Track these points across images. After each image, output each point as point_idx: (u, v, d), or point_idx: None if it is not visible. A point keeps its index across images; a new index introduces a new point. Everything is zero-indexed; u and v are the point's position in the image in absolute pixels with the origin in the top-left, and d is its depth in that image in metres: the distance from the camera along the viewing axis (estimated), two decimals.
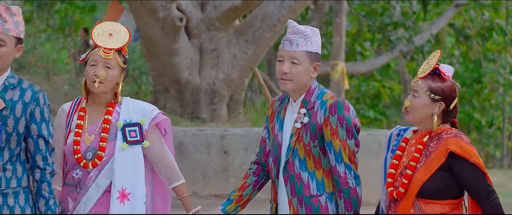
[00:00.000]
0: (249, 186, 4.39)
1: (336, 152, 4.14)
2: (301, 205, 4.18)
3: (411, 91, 4.09)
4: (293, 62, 4.20)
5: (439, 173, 3.94)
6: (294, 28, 4.26)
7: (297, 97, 4.25)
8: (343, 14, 14.72)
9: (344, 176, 4.15)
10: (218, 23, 10.72)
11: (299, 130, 4.18)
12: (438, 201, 3.98)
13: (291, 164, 4.20)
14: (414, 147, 4.06)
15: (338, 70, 14.38)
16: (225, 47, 10.81)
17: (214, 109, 10.73)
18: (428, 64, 4.14)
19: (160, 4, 10.18)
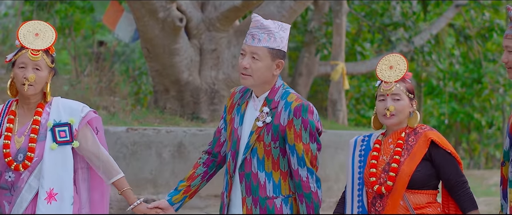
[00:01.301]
0: (198, 176, 4.32)
1: (299, 155, 4.09)
2: (256, 206, 4.12)
3: (391, 96, 4.19)
4: (254, 58, 4.13)
5: (423, 163, 4.12)
6: (257, 23, 4.17)
7: (260, 94, 4.19)
8: (343, 14, 14.71)
9: (306, 181, 4.10)
10: (218, 23, 10.72)
11: (260, 129, 4.12)
12: (423, 190, 4.14)
13: (248, 162, 4.13)
14: (392, 144, 4.19)
15: (338, 71, 14.37)
16: (225, 47, 10.81)
17: (214, 109, 10.72)
18: (398, 68, 4.23)
19: (160, 4, 10.17)
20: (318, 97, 21.90)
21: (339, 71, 14.39)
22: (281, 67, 4.17)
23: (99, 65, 13.84)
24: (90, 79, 13.56)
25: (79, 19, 19.18)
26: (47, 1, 17.45)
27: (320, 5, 17.09)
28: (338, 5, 14.73)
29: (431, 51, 17.88)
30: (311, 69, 17.64)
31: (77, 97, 12.55)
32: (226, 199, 4.21)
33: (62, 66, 17.12)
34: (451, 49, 22.01)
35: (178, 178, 8.85)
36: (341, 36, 14.62)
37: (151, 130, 8.96)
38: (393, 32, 17.26)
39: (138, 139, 8.86)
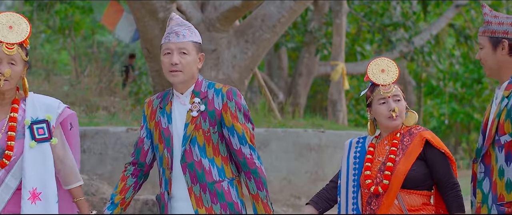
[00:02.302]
0: (129, 188, 4.36)
1: (240, 134, 4.22)
2: (205, 192, 4.20)
3: (392, 97, 4.26)
4: (183, 53, 4.25)
5: (418, 162, 4.18)
6: (178, 20, 4.31)
7: (185, 90, 4.30)
8: (343, 14, 14.71)
9: (250, 157, 4.24)
10: (218, 24, 10.72)
11: (196, 118, 4.22)
12: (418, 191, 4.19)
13: (189, 152, 4.21)
14: (387, 146, 4.26)
15: (338, 71, 14.37)
16: (225, 47, 10.81)
17: None
18: (391, 71, 4.32)
19: (160, 4, 10.17)
20: (318, 97, 21.90)
21: (339, 71, 14.39)
22: (202, 60, 4.34)
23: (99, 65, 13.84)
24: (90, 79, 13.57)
25: (79, 19, 19.19)
26: (47, 1, 17.45)
27: (320, 5, 17.09)
28: (338, 5, 14.73)
29: (431, 51, 17.88)
30: (311, 70, 17.65)
31: (77, 98, 12.56)
32: (167, 196, 4.26)
33: (62, 66, 17.13)
34: (451, 50, 22.01)
35: None
36: (341, 36, 14.62)
37: None
38: (393, 32, 17.27)
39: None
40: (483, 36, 4.11)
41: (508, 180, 3.94)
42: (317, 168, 9.87)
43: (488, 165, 4.03)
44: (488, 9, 4.15)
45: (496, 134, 3.98)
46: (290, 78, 18.34)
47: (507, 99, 3.98)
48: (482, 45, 4.11)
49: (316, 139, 9.86)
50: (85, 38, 20.60)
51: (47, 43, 19.17)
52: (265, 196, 4.26)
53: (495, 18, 4.10)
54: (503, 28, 4.07)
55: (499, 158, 3.97)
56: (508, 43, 4.04)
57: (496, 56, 4.06)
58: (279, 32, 11.05)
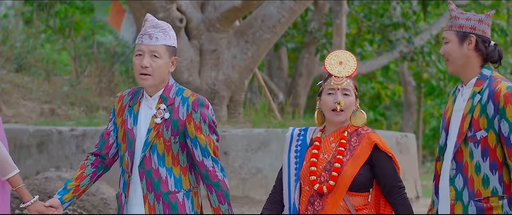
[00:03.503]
0: (86, 177, 4.33)
1: (202, 146, 4.17)
2: (158, 202, 4.16)
3: (341, 90, 4.20)
4: (154, 56, 4.18)
5: (365, 166, 4.14)
6: (153, 22, 4.26)
7: (155, 93, 4.24)
8: (343, 15, 14.71)
9: (213, 170, 4.19)
10: (218, 24, 10.72)
11: (159, 125, 4.17)
12: (361, 193, 4.16)
13: (148, 159, 4.17)
14: (334, 143, 4.19)
15: None
16: (225, 48, 10.81)
17: (214, 110, 10.72)
18: (348, 65, 4.30)
19: (160, 4, 10.17)
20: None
21: None
22: (175, 64, 4.27)
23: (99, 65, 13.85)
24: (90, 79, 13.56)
25: (79, 19, 19.18)
26: (47, 1, 17.46)
27: (320, 5, 17.09)
28: (338, 6, 14.73)
29: (431, 51, 17.87)
30: (311, 70, 17.65)
31: (77, 98, 12.56)
32: (124, 198, 4.23)
33: (62, 66, 17.12)
34: None
35: None
36: (341, 36, 14.62)
37: None
38: (393, 32, 17.26)
39: None
40: (449, 31, 4.16)
41: (485, 176, 4.00)
42: None
43: (460, 162, 4.06)
44: (455, 6, 4.22)
45: (469, 130, 4.02)
46: (290, 79, 18.34)
47: (479, 95, 4.03)
48: (448, 40, 4.15)
49: None
50: (85, 38, 20.58)
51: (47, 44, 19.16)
52: (227, 209, 4.20)
53: (462, 14, 4.17)
54: (470, 24, 4.14)
55: (474, 153, 4.01)
56: (475, 38, 4.12)
57: (462, 50, 4.12)
58: (279, 32, 11.05)
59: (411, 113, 23.04)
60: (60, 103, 12.13)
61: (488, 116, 3.99)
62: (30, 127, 9.82)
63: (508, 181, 4.00)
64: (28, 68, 13.90)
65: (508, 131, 3.95)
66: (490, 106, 3.99)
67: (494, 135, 3.99)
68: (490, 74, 4.11)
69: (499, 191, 3.99)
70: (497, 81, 4.05)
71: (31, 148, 9.52)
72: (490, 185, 3.99)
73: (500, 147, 4.00)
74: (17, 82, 12.53)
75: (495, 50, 4.20)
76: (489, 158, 4.00)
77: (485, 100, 4.00)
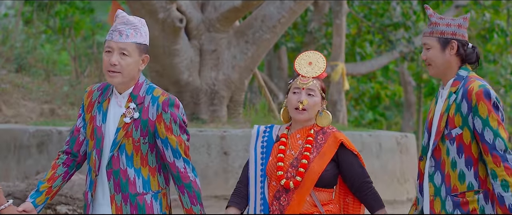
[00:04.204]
0: (59, 177, 4.25)
1: (173, 147, 4.13)
2: (126, 203, 4.11)
3: (306, 90, 4.29)
4: (123, 54, 4.10)
5: (331, 163, 4.27)
6: (123, 19, 4.16)
7: (124, 90, 4.17)
8: (343, 15, 14.71)
9: (184, 171, 4.17)
10: (218, 24, 10.71)
11: (128, 125, 4.11)
12: (326, 189, 4.29)
13: (116, 159, 4.11)
14: (301, 140, 4.30)
15: (338, 71, 14.38)
16: (225, 48, 10.81)
17: (214, 110, 10.72)
18: (317, 66, 4.36)
19: (160, 5, 10.17)
20: None
21: (339, 72, 14.40)
22: (146, 62, 4.18)
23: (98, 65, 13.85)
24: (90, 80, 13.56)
25: (79, 20, 19.18)
26: (47, 1, 17.45)
27: (320, 5, 17.09)
28: (338, 6, 14.73)
29: None
30: None
31: (77, 98, 12.55)
32: (90, 198, 4.17)
33: (62, 67, 17.12)
34: None
35: None
36: (341, 36, 14.62)
37: None
38: (393, 32, 17.26)
39: None
40: (431, 37, 4.27)
41: (460, 171, 4.15)
42: None
43: (439, 159, 4.21)
44: (432, 10, 4.31)
45: (446, 128, 4.16)
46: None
47: (455, 95, 4.18)
48: (429, 46, 4.26)
49: None
50: (85, 38, 20.58)
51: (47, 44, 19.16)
52: (199, 210, 4.19)
53: (442, 19, 4.28)
54: (451, 29, 4.25)
55: (450, 150, 4.16)
56: (457, 43, 4.24)
57: (445, 56, 4.25)
58: (279, 32, 11.05)
59: (411, 113, 23.04)
60: (60, 104, 12.13)
61: (463, 114, 4.13)
62: (30, 127, 9.82)
63: (484, 176, 4.14)
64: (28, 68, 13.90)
65: (481, 127, 4.08)
66: (464, 105, 4.13)
67: (468, 132, 4.13)
68: (466, 74, 4.26)
69: (474, 186, 4.13)
70: (471, 81, 4.20)
71: (31, 148, 9.52)
72: (466, 181, 4.14)
73: (475, 143, 4.14)
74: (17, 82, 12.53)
75: (474, 52, 4.33)
76: (465, 154, 4.15)
77: (460, 99, 4.15)
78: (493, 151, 4.05)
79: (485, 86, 4.15)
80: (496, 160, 4.04)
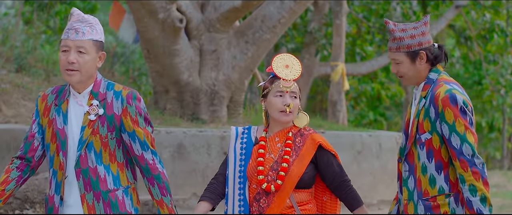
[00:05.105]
0: (12, 180, 4.23)
1: (141, 140, 4.15)
2: (98, 201, 4.12)
3: (290, 93, 4.35)
4: (80, 52, 4.09)
5: (310, 165, 4.34)
6: (79, 16, 4.15)
7: (83, 89, 4.16)
8: (343, 15, 14.71)
9: (153, 163, 4.18)
10: (218, 24, 10.71)
11: (93, 122, 4.11)
12: (305, 190, 4.36)
13: (84, 158, 4.11)
14: (280, 143, 4.36)
15: (338, 72, 14.37)
16: (225, 48, 10.81)
17: (214, 110, 10.71)
18: (294, 68, 4.42)
19: (160, 5, 10.17)
20: (318, 98, 21.89)
21: (339, 72, 14.39)
22: (103, 59, 4.18)
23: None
24: None
25: None
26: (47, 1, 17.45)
27: (320, 6, 17.09)
28: (338, 6, 14.73)
29: None
30: (311, 70, 17.64)
31: None
32: (59, 200, 4.15)
33: None
34: (451, 51, 21.99)
35: (178, 179, 8.84)
36: (341, 37, 14.61)
37: None
38: None
39: None
40: (398, 53, 4.26)
41: (431, 176, 4.18)
42: None
43: (412, 164, 4.26)
44: (392, 24, 4.29)
45: (417, 133, 4.21)
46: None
47: (424, 100, 4.19)
48: (398, 61, 4.27)
49: None
50: None
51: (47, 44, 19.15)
52: (169, 200, 4.21)
53: (404, 32, 4.25)
54: (416, 41, 4.24)
55: (421, 155, 4.20)
56: (425, 53, 4.24)
57: (416, 67, 4.26)
58: (279, 32, 11.05)
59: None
60: None
61: (431, 119, 4.16)
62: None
63: (455, 179, 4.17)
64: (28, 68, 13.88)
65: (448, 133, 4.10)
66: (432, 110, 4.15)
67: (437, 137, 4.15)
68: (436, 77, 4.24)
69: (445, 189, 4.16)
70: (439, 85, 4.18)
71: None
72: (436, 185, 4.17)
73: (445, 147, 4.16)
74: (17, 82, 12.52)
75: (441, 52, 4.31)
76: (435, 159, 4.18)
77: (427, 105, 4.16)
78: (461, 156, 4.07)
79: (451, 91, 4.11)
80: (463, 165, 4.06)
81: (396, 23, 4.28)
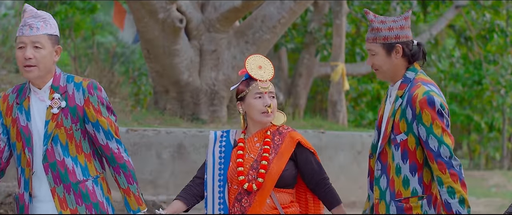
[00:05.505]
0: None
1: (105, 129, 4.18)
2: (69, 193, 4.13)
3: (268, 93, 4.37)
4: (37, 47, 4.11)
5: (289, 163, 4.33)
6: (32, 12, 4.15)
7: (43, 85, 4.18)
8: (343, 15, 14.70)
9: (118, 151, 4.21)
10: (218, 24, 10.72)
11: (57, 115, 4.13)
12: (287, 189, 4.35)
13: (51, 151, 4.13)
14: (259, 143, 4.37)
15: (338, 72, 14.36)
16: (225, 48, 10.81)
17: (214, 110, 10.72)
18: (267, 69, 4.44)
19: (160, 5, 10.17)
20: (318, 98, 21.89)
21: (339, 72, 14.38)
22: (59, 53, 4.20)
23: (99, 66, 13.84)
24: None
25: (79, 20, 19.17)
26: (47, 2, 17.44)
27: (320, 6, 17.09)
28: (338, 6, 14.72)
29: (430, 51, 17.87)
30: (311, 70, 17.64)
31: None
32: (28, 197, 4.17)
33: (62, 67, 17.12)
34: (451, 51, 21.99)
35: (178, 179, 8.84)
36: (341, 37, 14.60)
37: (151, 131, 8.96)
38: None
39: (138, 140, 8.86)
40: (374, 43, 4.21)
41: (405, 177, 4.14)
42: None
43: (385, 163, 4.21)
44: (373, 14, 4.26)
45: (392, 133, 4.16)
46: (290, 79, 18.34)
47: (401, 99, 4.15)
48: (374, 52, 4.22)
49: (316, 140, 9.86)
50: (85, 39, 20.59)
51: None
52: (136, 188, 4.24)
53: (383, 23, 4.22)
54: (394, 33, 4.20)
55: (395, 156, 4.16)
56: (402, 47, 4.18)
57: (391, 60, 4.21)
58: (279, 33, 11.05)
59: None
60: None
61: (407, 120, 4.11)
62: None
63: (429, 181, 4.14)
64: None
65: (425, 135, 4.06)
66: (409, 111, 4.10)
67: (413, 138, 4.11)
68: (413, 76, 4.19)
69: (418, 191, 4.12)
70: (416, 86, 4.13)
71: None
72: (410, 186, 4.13)
73: (420, 149, 4.12)
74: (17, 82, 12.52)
75: (419, 49, 4.26)
76: (409, 160, 4.13)
77: (404, 105, 4.11)
78: (438, 158, 4.03)
79: (429, 93, 4.07)
80: (441, 167, 4.02)
81: (377, 15, 4.25)
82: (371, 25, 4.23)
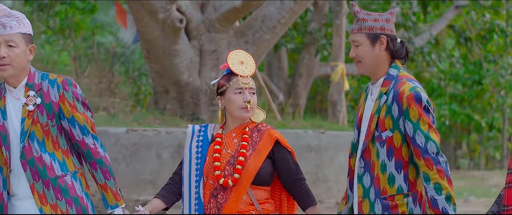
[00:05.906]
0: None
1: (81, 125, 4.19)
2: (48, 188, 4.15)
3: (249, 89, 4.40)
4: (10, 46, 4.13)
5: (267, 160, 4.32)
6: (5, 11, 4.17)
7: (18, 83, 4.20)
8: (343, 15, 14.70)
9: (94, 147, 4.22)
10: (218, 24, 10.72)
11: (32, 112, 4.15)
12: (263, 187, 4.34)
13: (28, 148, 4.15)
14: (236, 139, 4.36)
15: (338, 72, 14.37)
16: (225, 48, 10.81)
17: (214, 110, 10.72)
18: (249, 65, 4.47)
19: (160, 5, 10.17)
20: (318, 98, 21.90)
21: (339, 72, 14.39)
22: (33, 52, 4.21)
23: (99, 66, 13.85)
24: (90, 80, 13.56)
25: (79, 20, 19.19)
26: (47, 2, 17.45)
27: (320, 6, 17.09)
28: (338, 6, 14.73)
29: (431, 51, 17.86)
30: (311, 71, 17.65)
31: None
32: (7, 195, 4.18)
33: (62, 67, 17.12)
34: (451, 51, 22.00)
35: None
36: (341, 37, 14.61)
37: (151, 131, 8.96)
38: None
39: (138, 140, 8.86)
40: (359, 34, 4.20)
41: (390, 174, 4.11)
42: (317, 169, 9.87)
43: (368, 161, 4.17)
44: (358, 7, 4.29)
45: (376, 130, 4.13)
46: (290, 79, 18.34)
47: (385, 96, 4.12)
48: (358, 43, 4.21)
49: (316, 140, 9.86)
50: (85, 39, 20.60)
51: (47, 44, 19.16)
52: (113, 184, 4.25)
53: (369, 15, 4.23)
54: (379, 25, 4.20)
55: (380, 153, 4.13)
56: (386, 38, 4.17)
57: (375, 52, 4.19)
58: (279, 33, 11.05)
59: None
60: None
61: (393, 116, 4.09)
62: None
63: (414, 179, 4.12)
64: None
65: (412, 131, 4.03)
66: (395, 108, 4.08)
67: (399, 135, 4.09)
68: (396, 74, 4.17)
69: (404, 189, 4.10)
70: (402, 82, 4.11)
71: None
72: (395, 184, 4.11)
73: (406, 146, 4.10)
74: None
75: (403, 47, 4.24)
76: (395, 157, 4.11)
77: (390, 102, 4.09)
78: (425, 155, 4.00)
79: (415, 89, 4.06)
80: (428, 163, 4.00)
81: (362, 8, 4.24)
82: (357, 17, 4.24)
